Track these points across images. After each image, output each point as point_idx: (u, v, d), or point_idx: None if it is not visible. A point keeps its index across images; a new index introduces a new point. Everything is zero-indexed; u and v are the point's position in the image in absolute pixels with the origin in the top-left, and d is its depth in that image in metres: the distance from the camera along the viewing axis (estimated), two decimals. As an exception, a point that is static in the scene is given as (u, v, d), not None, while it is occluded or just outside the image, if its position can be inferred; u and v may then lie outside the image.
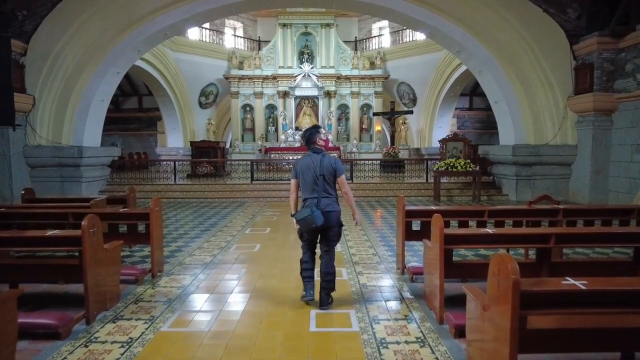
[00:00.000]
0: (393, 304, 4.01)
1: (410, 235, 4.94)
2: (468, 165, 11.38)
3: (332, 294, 3.99)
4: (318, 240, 4.05)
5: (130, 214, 4.96)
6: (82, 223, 3.50)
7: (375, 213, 9.68)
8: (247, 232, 7.49)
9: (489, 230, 3.57)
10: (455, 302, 3.93)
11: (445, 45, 13.04)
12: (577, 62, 10.90)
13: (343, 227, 4.13)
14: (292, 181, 4.04)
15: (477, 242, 3.55)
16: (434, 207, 4.89)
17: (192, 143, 15.59)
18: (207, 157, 14.79)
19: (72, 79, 11.10)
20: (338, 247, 6.15)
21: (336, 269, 4.81)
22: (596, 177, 10.65)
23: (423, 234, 5.00)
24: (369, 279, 4.78)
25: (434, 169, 11.58)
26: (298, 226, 3.90)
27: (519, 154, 11.36)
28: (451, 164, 11.33)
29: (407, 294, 4.30)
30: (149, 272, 4.84)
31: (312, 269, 4.03)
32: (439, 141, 12.94)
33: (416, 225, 5.15)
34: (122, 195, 6.47)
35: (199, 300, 4.18)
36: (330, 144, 18.18)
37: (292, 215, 3.94)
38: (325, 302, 3.87)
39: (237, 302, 4.14)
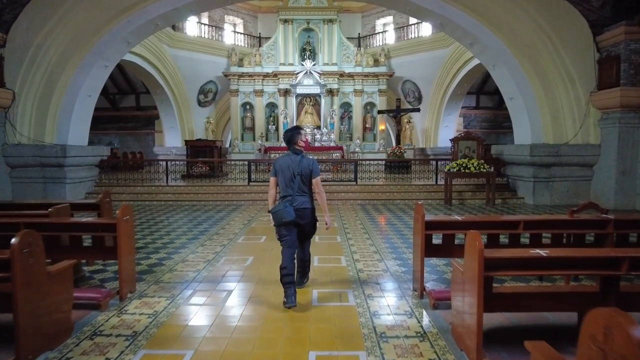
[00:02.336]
0: (413, 342, 3.18)
1: (430, 250, 4.11)
2: (482, 166, 10.54)
3: (336, 332, 3.22)
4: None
5: (94, 225, 4.14)
6: (12, 242, 2.69)
7: (382, 219, 8.86)
8: (239, 241, 6.66)
9: (541, 251, 2.74)
10: (492, 339, 3.11)
11: (456, 38, 12.20)
12: (601, 54, 10.06)
13: (349, 237, 3.45)
14: (271, 179, 4.16)
15: (527, 267, 2.72)
16: (459, 218, 4.06)
17: (187, 142, 14.78)
18: (203, 156, 14.01)
19: (55, 72, 10.30)
20: (343, 262, 5.35)
21: (341, 290, 4.06)
22: (622, 179, 9.81)
23: (445, 250, 4.20)
24: (380, 305, 3.94)
25: (446, 169, 10.72)
26: (274, 221, 4.04)
27: (537, 154, 10.50)
28: (464, 165, 10.48)
29: (429, 326, 3.47)
30: (117, 294, 4.03)
31: (293, 274, 3.94)
32: (450, 140, 12.09)
33: (436, 238, 4.34)
34: (94, 201, 5.63)
35: (170, 335, 3.35)
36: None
37: (269, 211, 4.09)
38: (301, 282, 4.18)
39: (217, 338, 3.31)
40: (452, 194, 10.75)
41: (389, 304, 3.95)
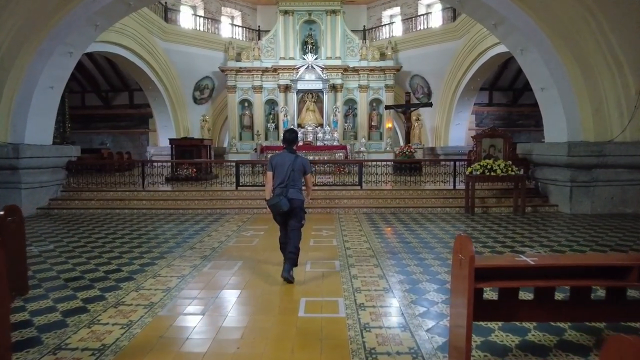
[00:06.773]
0: None
1: (479, 310, 2.50)
2: (510, 168, 8.89)
3: None
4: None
5: None
6: None
7: (393, 233, 7.24)
8: (205, 270, 5.03)
9: None
10: None
11: (477, 18, 10.53)
12: (656, 34, 8.40)
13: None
14: (268, 173, 4.65)
15: None
16: (529, 260, 2.42)
17: (171, 141, 13.24)
18: (190, 157, 12.47)
19: (7, 59, 8.77)
20: (341, 309, 3.74)
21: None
22: (683, 185, 8.15)
23: (504, 310, 2.59)
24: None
25: (467, 172, 9.07)
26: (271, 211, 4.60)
27: (576, 153, 8.85)
28: (489, 167, 8.84)
29: None
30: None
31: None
32: (472, 137, 10.45)
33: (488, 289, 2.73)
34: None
35: None
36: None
37: (266, 201, 4.62)
38: (288, 270, 4.47)
39: None
40: (475, 200, 9.12)
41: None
